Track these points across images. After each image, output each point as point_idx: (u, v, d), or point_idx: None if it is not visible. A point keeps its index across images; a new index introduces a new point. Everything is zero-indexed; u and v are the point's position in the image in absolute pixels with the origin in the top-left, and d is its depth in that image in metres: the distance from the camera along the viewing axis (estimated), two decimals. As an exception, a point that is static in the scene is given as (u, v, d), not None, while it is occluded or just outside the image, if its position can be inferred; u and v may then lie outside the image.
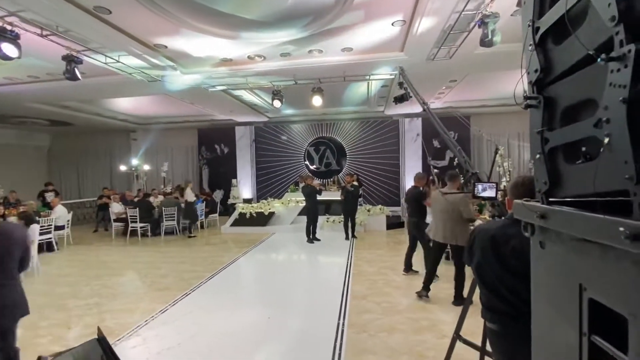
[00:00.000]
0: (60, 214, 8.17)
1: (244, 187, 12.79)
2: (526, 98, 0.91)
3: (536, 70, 0.89)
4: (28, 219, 6.00)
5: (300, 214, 9.45)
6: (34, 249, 5.86)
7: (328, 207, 10.28)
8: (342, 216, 8.35)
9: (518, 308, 1.54)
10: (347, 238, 8.04)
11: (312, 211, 8.00)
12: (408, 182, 10.91)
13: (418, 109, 6.20)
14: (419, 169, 11.09)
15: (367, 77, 7.07)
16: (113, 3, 4.19)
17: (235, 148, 12.93)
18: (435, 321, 3.68)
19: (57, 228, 7.87)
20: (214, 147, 13.30)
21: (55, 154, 14.42)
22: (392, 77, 6.96)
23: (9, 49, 4.19)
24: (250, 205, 10.24)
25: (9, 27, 4.21)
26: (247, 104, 9.98)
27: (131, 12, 4.43)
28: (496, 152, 3.75)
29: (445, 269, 5.51)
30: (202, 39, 5.29)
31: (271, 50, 5.81)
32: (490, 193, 2.27)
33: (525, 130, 11.28)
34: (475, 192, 2.24)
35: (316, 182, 8.92)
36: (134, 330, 3.61)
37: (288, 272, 5.86)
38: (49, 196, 10.06)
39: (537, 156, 0.88)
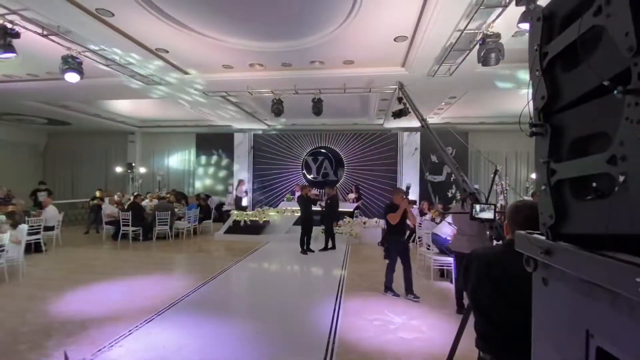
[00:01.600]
0: (51, 214, 8.02)
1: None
2: (532, 125, 0.86)
3: (543, 97, 0.84)
4: (16, 219, 5.87)
5: (295, 223, 9.35)
6: (20, 250, 5.73)
7: (323, 218, 10.19)
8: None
9: (513, 339, 1.47)
10: (322, 249, 8.03)
11: (307, 222, 7.91)
12: (405, 196, 10.86)
13: (417, 123, 6.21)
14: (417, 183, 11.09)
15: (368, 90, 7.08)
16: (116, 6, 4.18)
17: (233, 154, 12.88)
18: (428, 342, 3.58)
19: (47, 229, 7.71)
20: (211, 153, 13.23)
21: (51, 153, 14.28)
22: (392, 91, 6.99)
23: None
24: (245, 213, 10.14)
25: (9, 25, 4.18)
26: (246, 111, 9.97)
27: (134, 16, 4.42)
28: (495, 173, 3.71)
29: (441, 285, 5.43)
30: (204, 45, 5.28)
31: (272, 59, 5.82)
32: (488, 214, 2.22)
33: (522, 149, 11.34)
34: (473, 213, 2.19)
35: (313, 191, 8.88)
36: (117, 341, 3.48)
37: (279, 284, 5.75)
38: (41, 195, 9.92)
39: (543, 187, 0.83)
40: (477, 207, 2.27)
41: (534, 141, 0.88)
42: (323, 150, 12.52)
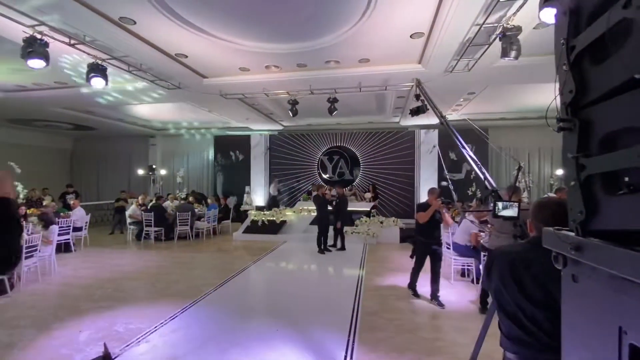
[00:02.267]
0: (79, 215, 8.38)
1: (257, 195, 12.86)
2: (559, 120, 0.85)
3: (571, 91, 0.83)
4: (47, 221, 6.16)
5: (311, 223, 9.39)
6: (52, 250, 6.02)
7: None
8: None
9: (540, 339, 1.45)
10: (339, 248, 8.07)
11: (323, 221, 7.94)
12: (422, 194, 10.73)
13: (434, 120, 6.11)
14: (435, 181, 10.92)
15: (384, 88, 7.04)
16: (138, 14, 4.33)
17: (250, 156, 13.06)
18: (450, 342, 3.54)
19: (76, 229, 8.06)
20: (229, 154, 13.47)
21: (77, 157, 14.91)
22: (409, 88, 6.91)
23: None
24: (262, 213, 10.27)
25: (38, 36, 4.39)
26: (262, 112, 10.09)
27: (154, 23, 4.56)
28: (519, 170, 3.61)
29: (462, 285, 5.34)
30: (222, 48, 5.39)
31: (288, 60, 5.87)
32: (511, 212, 2.18)
33: (545, 145, 10.97)
34: (496, 210, 2.16)
35: (333, 192, 8.87)
36: (144, 337, 3.61)
37: (298, 283, 5.80)
38: (70, 198, 10.36)
39: (572, 183, 0.82)
40: (500, 204, 2.23)
41: (558, 137, 0.87)
42: (338, 150, 12.51)
